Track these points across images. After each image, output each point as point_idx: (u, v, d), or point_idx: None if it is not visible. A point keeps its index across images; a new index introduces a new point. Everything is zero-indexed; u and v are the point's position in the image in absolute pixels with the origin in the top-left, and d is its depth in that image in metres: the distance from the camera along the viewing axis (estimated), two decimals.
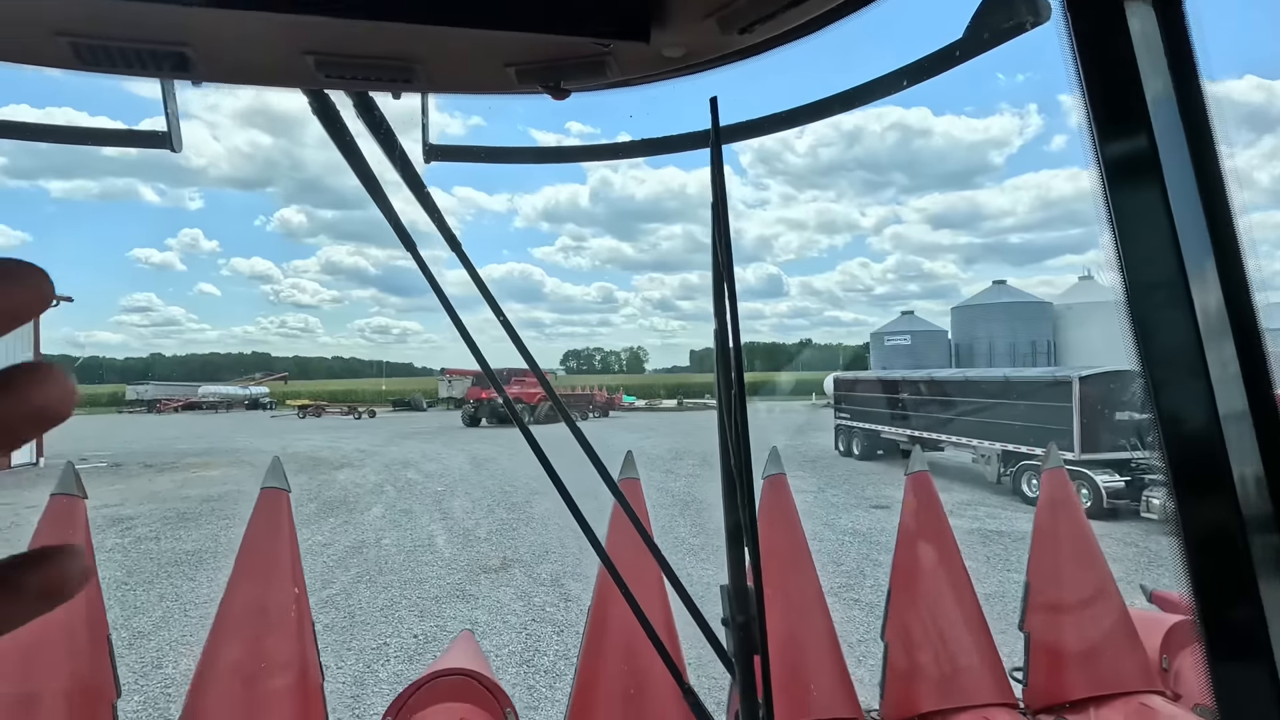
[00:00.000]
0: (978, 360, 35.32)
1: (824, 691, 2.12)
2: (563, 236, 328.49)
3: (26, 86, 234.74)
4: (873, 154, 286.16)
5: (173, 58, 0.73)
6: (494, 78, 0.83)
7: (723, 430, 0.90)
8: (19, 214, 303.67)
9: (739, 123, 1.15)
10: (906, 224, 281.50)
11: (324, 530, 10.93)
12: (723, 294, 0.90)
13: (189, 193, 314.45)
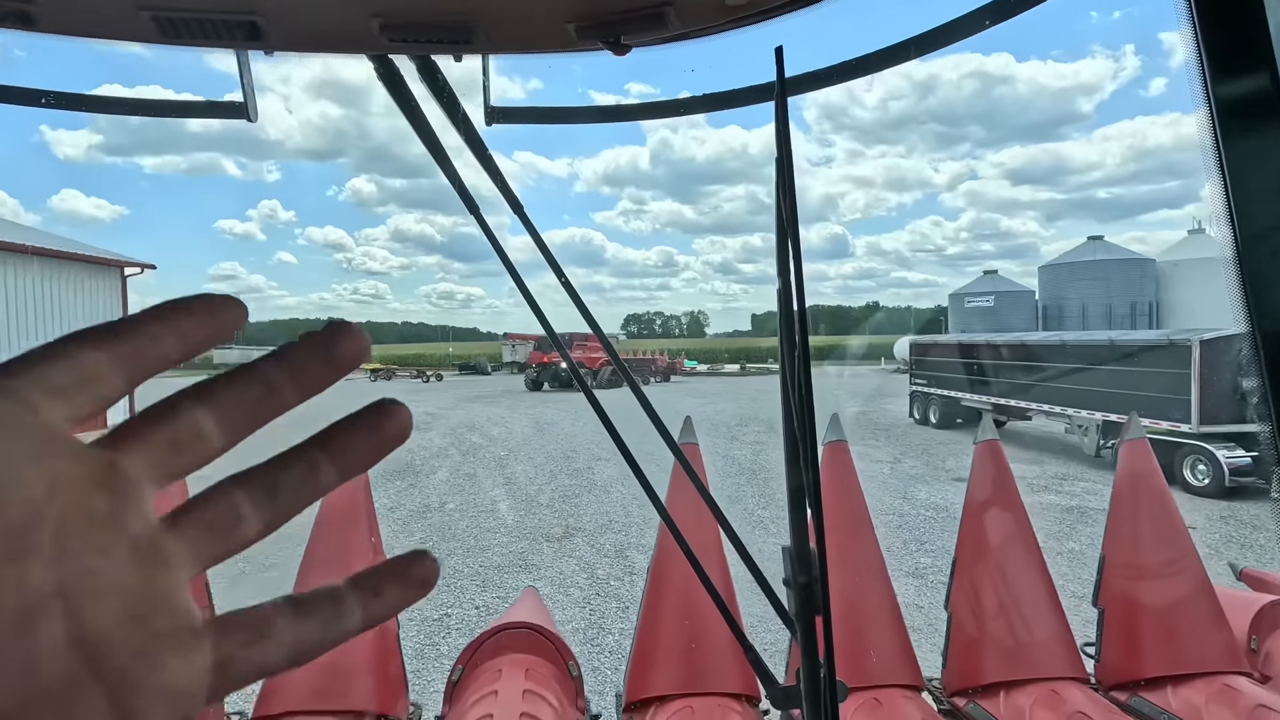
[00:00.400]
0: (1068, 323, 32.94)
1: (884, 658, 2.10)
2: (623, 200, 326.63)
3: (119, 66, 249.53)
4: (947, 105, 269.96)
5: (245, 27, 0.77)
6: (554, 35, 0.84)
7: (785, 391, 0.88)
8: (117, 189, 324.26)
9: (806, 73, 1.11)
10: (983, 179, 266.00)
11: (390, 493, 11.21)
12: (787, 251, 0.88)
13: (267, 165, 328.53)
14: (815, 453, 0.87)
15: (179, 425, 0.26)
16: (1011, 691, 2.07)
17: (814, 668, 0.90)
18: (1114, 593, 2.26)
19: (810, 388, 0.85)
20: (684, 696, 2.06)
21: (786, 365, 0.89)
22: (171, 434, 0.26)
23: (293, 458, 0.29)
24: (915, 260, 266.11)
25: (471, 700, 1.99)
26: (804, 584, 0.91)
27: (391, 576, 0.29)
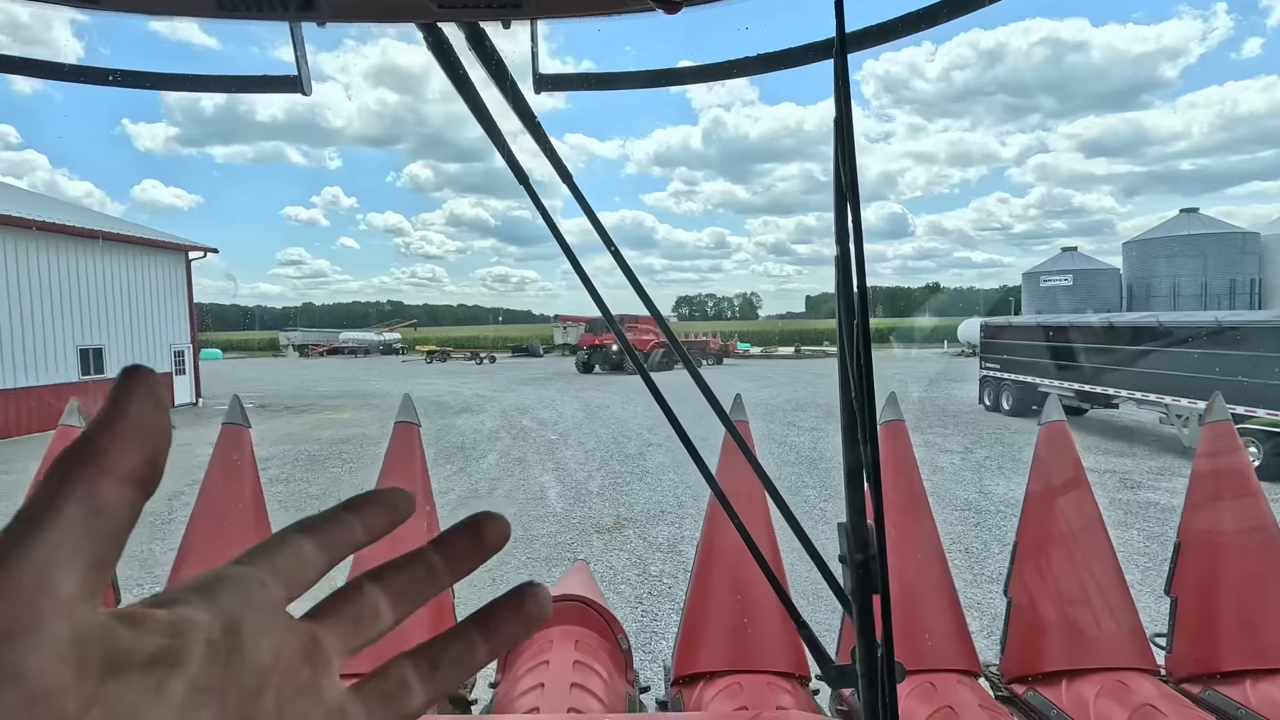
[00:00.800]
0: (1156, 303, 30.60)
1: (939, 641, 2.07)
2: (674, 181, 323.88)
3: (176, 54, 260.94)
4: (1016, 75, 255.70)
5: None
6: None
7: (843, 365, 0.87)
8: (191, 178, 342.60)
9: (867, 27, 1.03)
10: (1054, 153, 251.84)
11: (440, 477, 11.37)
12: (846, 220, 0.84)
13: (328, 152, 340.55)
14: (874, 429, 0.86)
15: (362, 604, 0.31)
16: (1074, 680, 2.00)
17: (870, 647, 0.89)
18: (1189, 581, 2.17)
19: (870, 363, 0.84)
20: (733, 673, 2.06)
21: (845, 341, 0.87)
22: (357, 611, 0.31)
23: (426, 585, 0.33)
24: (979, 239, 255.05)
25: (524, 669, 2.03)
26: (861, 562, 0.90)
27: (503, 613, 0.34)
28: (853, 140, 0.84)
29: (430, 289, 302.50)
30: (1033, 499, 2.21)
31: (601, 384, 27.81)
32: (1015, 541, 2.20)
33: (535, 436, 15.19)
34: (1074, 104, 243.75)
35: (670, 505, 9.27)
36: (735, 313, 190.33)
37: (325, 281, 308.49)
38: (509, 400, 22.44)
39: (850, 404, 0.87)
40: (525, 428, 16.53)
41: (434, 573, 0.33)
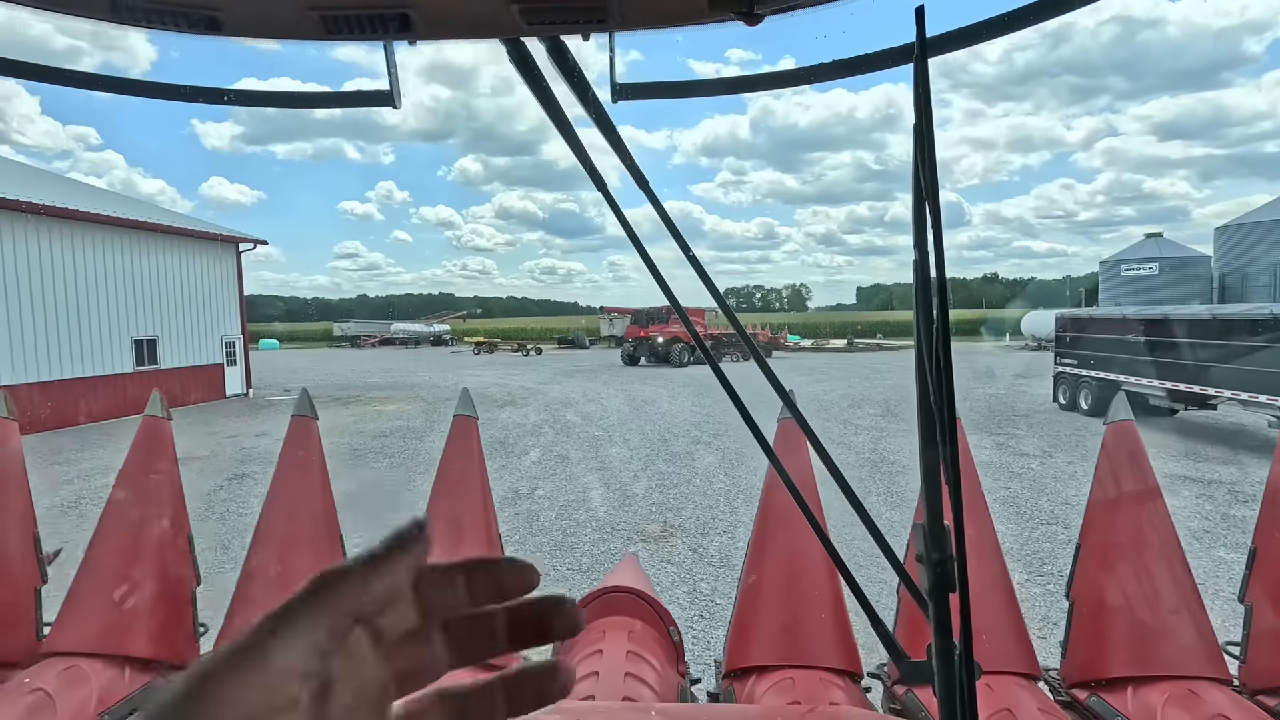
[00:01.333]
0: (1253, 294, 28.03)
1: (997, 643, 2.04)
2: (722, 171, 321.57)
3: (254, 63, 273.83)
4: (1083, 55, 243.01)
5: (398, 19, 0.84)
6: (686, 8, 0.85)
7: (920, 365, 0.88)
8: (255, 175, 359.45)
9: (949, 32, 1.02)
10: (1124, 136, 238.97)
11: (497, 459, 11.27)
12: (924, 223, 0.86)
13: (383, 148, 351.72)
14: (954, 430, 0.87)
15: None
16: (1140, 688, 1.96)
17: (947, 645, 0.90)
18: (1265, 588, 2.09)
19: (949, 361, 0.85)
20: (785, 668, 2.06)
21: (923, 339, 0.87)
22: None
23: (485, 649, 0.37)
24: (1041, 228, 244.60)
25: (578, 658, 2.06)
26: (937, 560, 0.90)
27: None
28: (933, 147, 0.85)
29: (480, 281, 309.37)
30: (1098, 500, 2.16)
31: (648, 377, 27.39)
32: (1078, 543, 2.15)
33: (579, 432, 14.85)
34: (1146, 84, 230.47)
35: (722, 511, 8.63)
36: (784, 304, 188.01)
37: (380, 274, 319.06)
38: (553, 393, 22.16)
39: (928, 404, 0.88)
40: (569, 423, 16.21)
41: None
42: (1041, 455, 11.92)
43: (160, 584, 2.32)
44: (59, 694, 2.00)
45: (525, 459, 12.04)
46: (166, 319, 20.71)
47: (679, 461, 11.66)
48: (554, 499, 9.42)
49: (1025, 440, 13.33)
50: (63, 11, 0.82)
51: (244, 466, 11.80)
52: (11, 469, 2.44)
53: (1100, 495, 2.15)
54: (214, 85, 1.10)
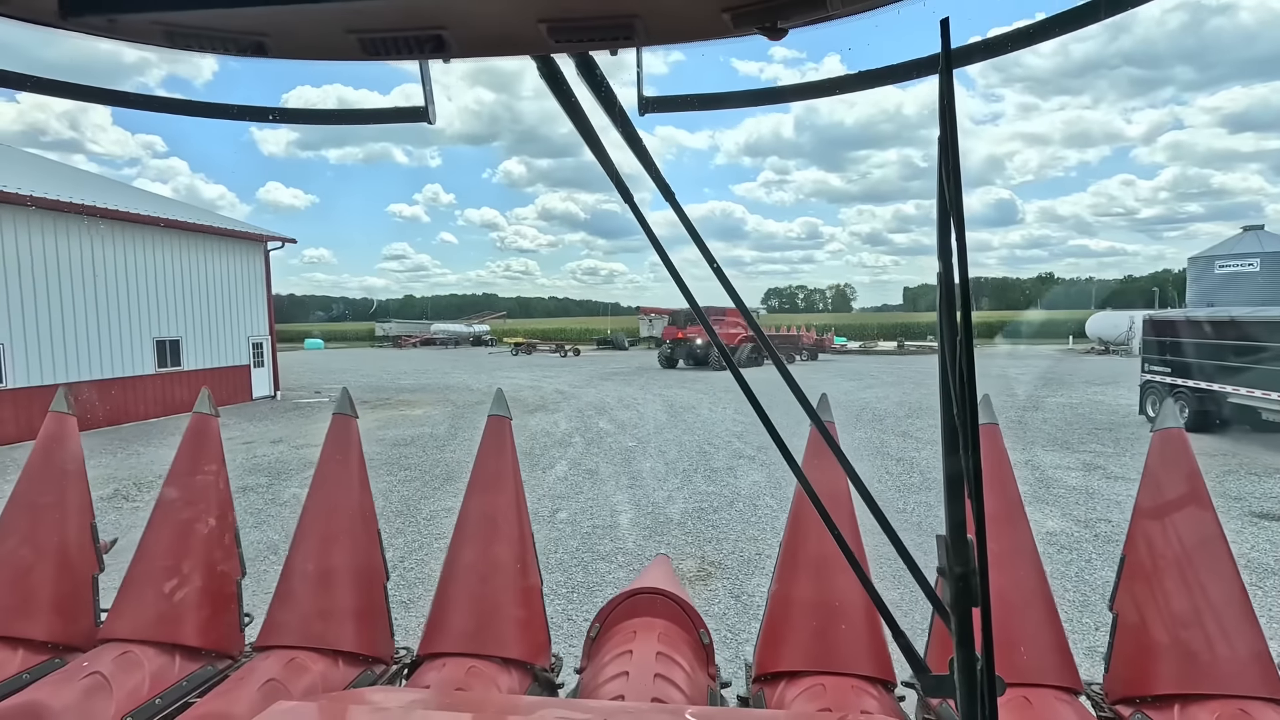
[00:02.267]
0: None
1: (1036, 656, 2.00)
2: (765, 170, 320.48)
3: (309, 74, 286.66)
4: (1147, 44, 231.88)
5: (432, 40, 0.88)
6: (710, 24, 0.87)
7: (944, 373, 0.90)
8: (308, 179, 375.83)
9: (974, 42, 1.05)
10: (1190, 129, 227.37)
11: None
12: (949, 234, 0.87)
13: (430, 152, 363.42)
14: (976, 438, 0.88)
15: None
16: (1189, 706, 1.88)
17: (969, 659, 0.91)
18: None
19: (973, 370, 0.87)
20: (816, 674, 2.06)
21: (946, 346, 0.89)
22: None
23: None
24: (1099, 226, 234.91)
25: (608, 658, 2.10)
26: (960, 574, 0.90)
27: None
28: (958, 159, 0.86)
29: (523, 282, 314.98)
30: (1144, 510, 2.10)
31: (687, 380, 26.66)
32: (1123, 555, 2.09)
33: (611, 442, 13.99)
34: (1216, 74, 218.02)
35: (769, 545, 7.42)
36: (828, 305, 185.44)
37: (426, 275, 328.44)
38: (588, 397, 21.43)
39: (951, 414, 0.89)
40: (601, 431, 15.34)
41: None
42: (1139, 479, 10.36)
43: (208, 575, 2.43)
44: (114, 678, 2.11)
45: (550, 473, 11.05)
46: (191, 319, 20.31)
47: (720, 479, 10.54)
48: (577, 524, 8.38)
49: (1117, 460, 11.71)
50: (124, 40, 0.89)
51: (247, 478, 10.98)
52: (71, 462, 2.59)
53: (1147, 505, 2.09)
54: (268, 95, 1.27)
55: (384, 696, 1.90)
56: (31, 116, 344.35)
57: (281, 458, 12.42)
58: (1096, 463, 11.49)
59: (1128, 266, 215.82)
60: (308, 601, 2.36)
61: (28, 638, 2.33)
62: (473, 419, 16.90)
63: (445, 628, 2.29)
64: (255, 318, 22.85)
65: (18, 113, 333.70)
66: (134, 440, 15.55)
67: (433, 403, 20.69)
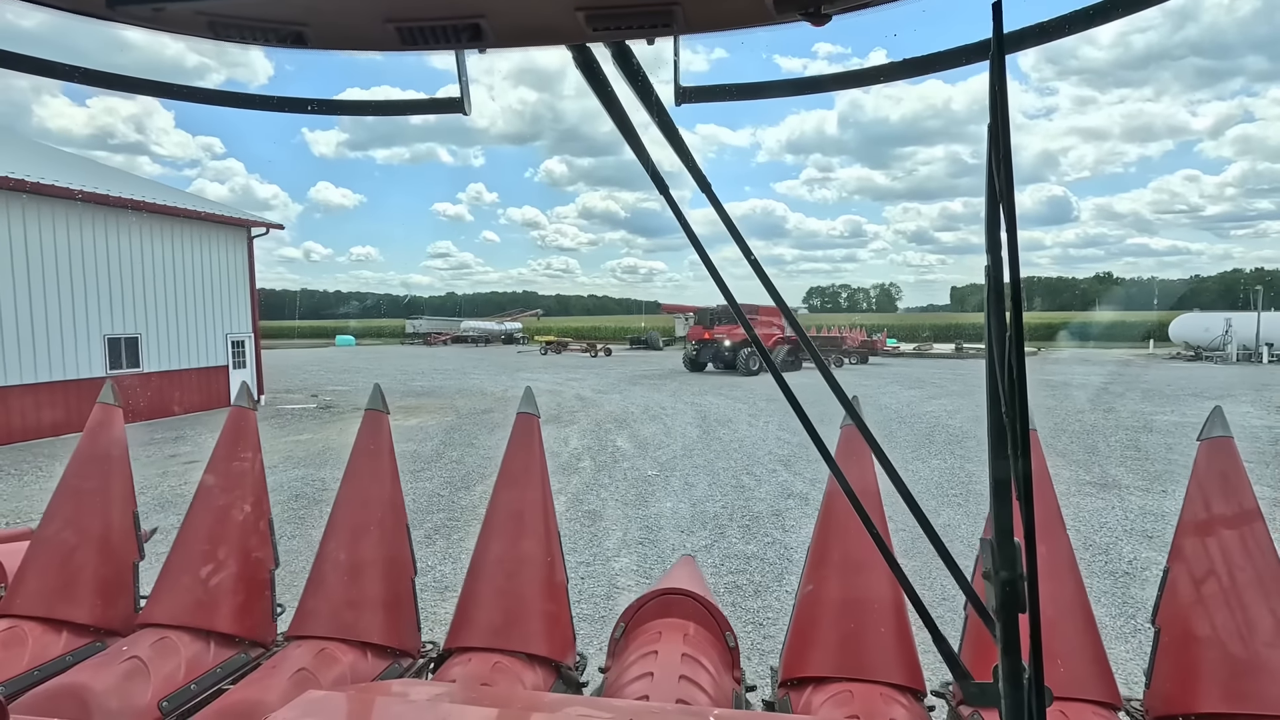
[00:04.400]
0: None
1: (1073, 669, 2.00)
2: (808, 168, 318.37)
3: (358, 74, 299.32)
4: (1214, 33, 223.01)
5: (469, 29, 0.91)
6: (751, 10, 0.88)
7: (992, 375, 0.91)
8: (356, 179, 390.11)
9: (1028, 27, 1.03)
10: (1261, 121, 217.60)
11: (467, 543, 7.50)
12: (998, 226, 0.87)
13: (474, 151, 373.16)
14: (1026, 439, 0.88)
15: None
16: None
17: (1015, 668, 0.92)
18: None
19: (1024, 371, 0.87)
20: (843, 680, 2.07)
21: (995, 344, 0.90)
22: None
23: None
24: (1160, 224, 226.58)
25: (633, 658, 2.15)
26: (1006, 580, 0.91)
27: None
28: (1009, 149, 0.86)
29: (563, 280, 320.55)
30: (1190, 522, 2.09)
31: (722, 387, 24.56)
32: (1166, 567, 2.08)
33: (627, 468, 11.51)
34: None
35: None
36: (871, 304, 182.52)
37: (469, 272, 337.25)
38: (610, 406, 19.57)
39: (999, 415, 0.90)
40: (618, 451, 12.90)
41: None
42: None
43: (243, 564, 2.56)
44: (152, 662, 2.23)
45: None
46: (154, 314, 18.06)
47: (763, 532, 7.95)
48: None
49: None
50: (167, 30, 0.93)
51: (161, 517, 8.55)
52: (116, 452, 2.75)
53: (1192, 517, 2.09)
54: (321, 95, 1.19)
55: (411, 689, 1.97)
56: (101, 120, 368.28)
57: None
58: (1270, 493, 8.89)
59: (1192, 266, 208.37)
60: (338, 593, 2.48)
61: (72, 620, 2.48)
62: (470, 434, 15.09)
63: (472, 622, 2.37)
64: (236, 313, 20.55)
65: (88, 117, 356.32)
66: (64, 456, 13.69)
67: (434, 410, 18.99)
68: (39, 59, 1.07)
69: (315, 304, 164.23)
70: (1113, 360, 37.84)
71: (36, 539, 2.66)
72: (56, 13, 0.89)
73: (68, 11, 0.88)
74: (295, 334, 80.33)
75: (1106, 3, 0.97)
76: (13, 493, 10.71)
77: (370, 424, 2.70)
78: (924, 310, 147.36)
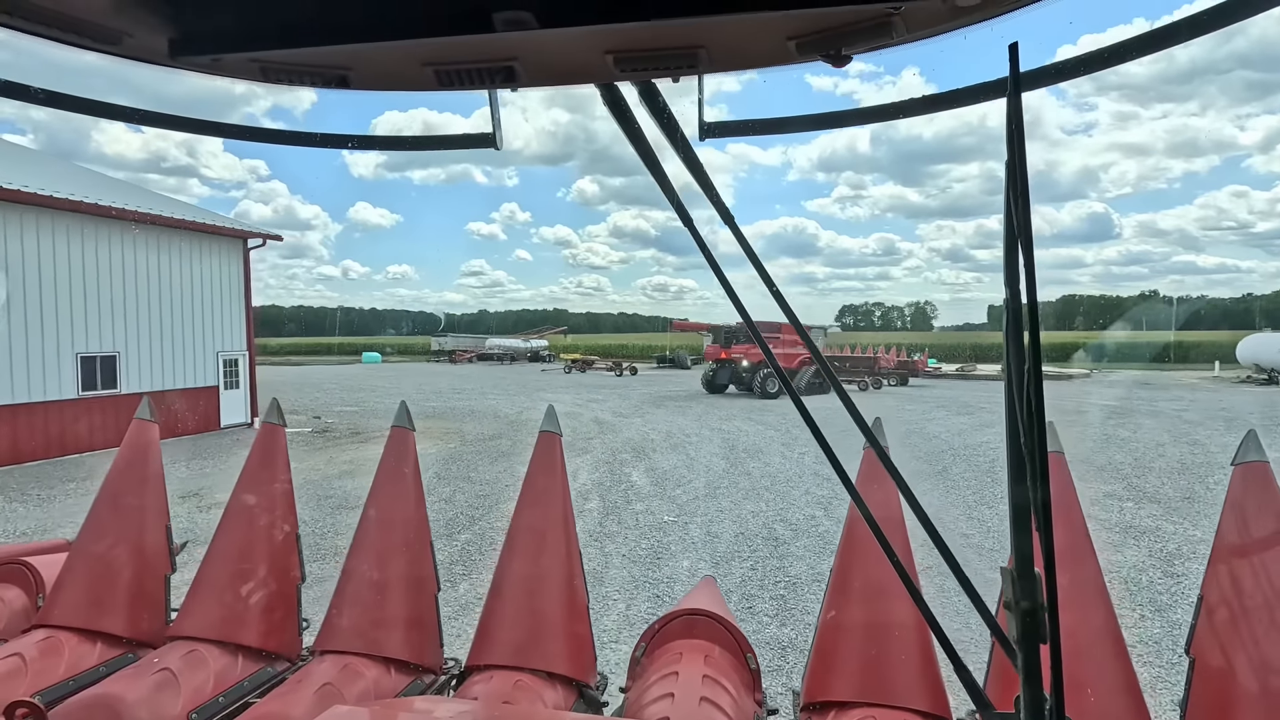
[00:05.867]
0: None
1: (1104, 698, 1.98)
2: (840, 186, 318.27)
3: (396, 98, 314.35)
4: (1263, 45, 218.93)
5: (504, 72, 0.98)
6: (774, 53, 0.93)
7: (1010, 400, 0.93)
8: (394, 200, 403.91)
9: (1044, 66, 1.08)
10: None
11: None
12: (1017, 259, 0.90)
13: (507, 172, 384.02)
14: (1045, 468, 0.89)
15: None
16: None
17: (1037, 697, 0.92)
18: None
19: (1041, 396, 0.88)
20: (866, 705, 2.08)
21: (1014, 372, 0.91)
22: None
23: None
24: (1207, 241, 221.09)
25: (653, 678, 2.18)
26: (1028, 609, 0.91)
27: None
28: (1027, 184, 0.89)
29: (594, 298, 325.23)
30: (1224, 549, 2.07)
31: (751, 411, 22.97)
32: (1200, 596, 2.06)
33: (640, 511, 10.04)
34: None
35: None
36: (906, 323, 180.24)
37: (501, 291, 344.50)
38: (630, 432, 18.20)
39: (1018, 444, 0.91)
40: (631, 490, 11.46)
41: None
42: None
43: (271, 579, 2.63)
44: (182, 674, 2.31)
45: None
46: (136, 331, 16.93)
47: (802, 605, 6.63)
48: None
49: None
50: (224, 76, 1.02)
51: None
52: (152, 466, 2.86)
53: (1228, 544, 2.08)
54: (359, 119, 1.44)
55: (434, 706, 2.03)
56: (154, 145, 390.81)
57: (179, 529, 8.26)
58: None
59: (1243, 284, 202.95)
60: (363, 609, 2.55)
61: (106, 631, 2.59)
62: (470, 465, 13.79)
63: (493, 640, 2.42)
64: (229, 330, 19.36)
65: (142, 142, 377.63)
66: (32, 487, 12.03)
67: (438, 435, 17.71)
68: (103, 103, 1.18)
69: (351, 321, 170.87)
70: (1176, 384, 35.19)
71: (74, 551, 2.78)
72: (125, 61, 0.98)
73: (135, 60, 0.98)
74: (334, 350, 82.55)
75: (1120, 46, 1.00)
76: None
77: (396, 441, 2.77)
78: (960, 329, 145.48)
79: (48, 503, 11.41)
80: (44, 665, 2.39)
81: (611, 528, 9.27)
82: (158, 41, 0.92)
